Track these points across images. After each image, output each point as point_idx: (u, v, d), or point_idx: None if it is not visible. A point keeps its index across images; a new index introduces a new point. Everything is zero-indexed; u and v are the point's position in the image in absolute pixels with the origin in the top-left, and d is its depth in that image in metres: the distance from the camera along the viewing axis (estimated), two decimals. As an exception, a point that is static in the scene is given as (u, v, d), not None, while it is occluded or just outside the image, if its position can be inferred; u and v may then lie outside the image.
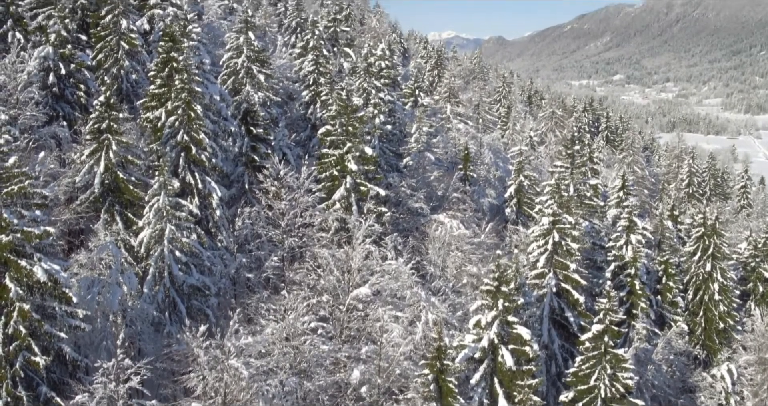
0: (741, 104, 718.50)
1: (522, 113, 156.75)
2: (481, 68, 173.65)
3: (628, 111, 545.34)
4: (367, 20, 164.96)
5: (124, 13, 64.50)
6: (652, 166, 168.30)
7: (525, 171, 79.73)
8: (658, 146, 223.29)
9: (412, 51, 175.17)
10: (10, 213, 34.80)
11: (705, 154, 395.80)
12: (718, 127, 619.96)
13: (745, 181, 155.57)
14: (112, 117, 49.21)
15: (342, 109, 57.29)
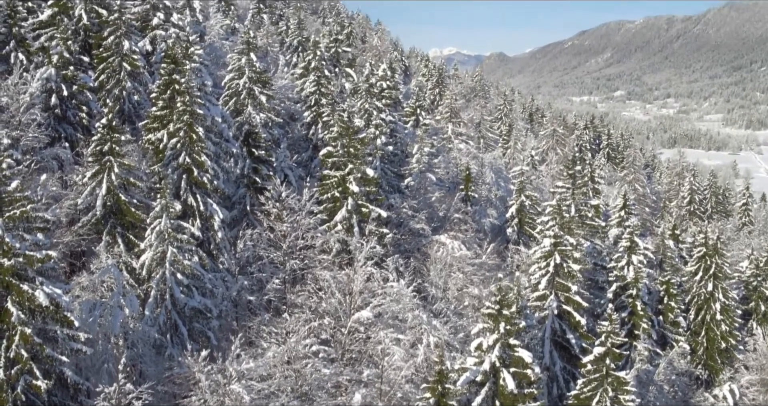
0: (742, 120, 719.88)
1: (523, 131, 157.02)
2: (482, 86, 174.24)
3: (629, 127, 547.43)
4: (368, 38, 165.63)
5: (126, 35, 64.61)
6: (654, 183, 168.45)
7: (526, 191, 79.80)
8: (659, 163, 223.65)
9: (413, 69, 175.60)
10: (12, 237, 34.83)
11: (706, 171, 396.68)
12: (719, 142, 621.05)
13: (746, 198, 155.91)
14: (114, 139, 49.31)
15: (343, 130, 57.41)
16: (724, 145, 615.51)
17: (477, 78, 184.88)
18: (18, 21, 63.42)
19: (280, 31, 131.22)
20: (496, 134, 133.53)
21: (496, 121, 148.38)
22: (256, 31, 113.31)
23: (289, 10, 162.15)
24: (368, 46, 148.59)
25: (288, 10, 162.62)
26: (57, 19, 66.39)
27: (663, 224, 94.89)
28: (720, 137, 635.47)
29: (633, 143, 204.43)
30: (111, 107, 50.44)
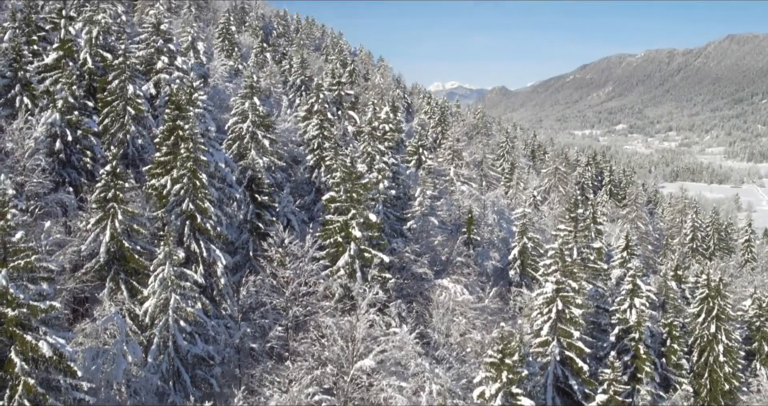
0: (744, 153, 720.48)
1: (525, 168, 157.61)
2: (484, 123, 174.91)
3: (631, 161, 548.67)
4: (371, 76, 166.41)
5: (130, 79, 65.13)
6: (656, 220, 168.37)
7: (528, 233, 79.99)
8: (661, 198, 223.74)
9: (415, 106, 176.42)
10: (16, 287, 34.96)
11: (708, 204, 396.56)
12: (721, 176, 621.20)
13: (748, 234, 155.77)
14: (117, 186, 49.47)
15: (346, 175, 57.64)
16: (726, 178, 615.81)
17: (479, 115, 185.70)
18: (23, 65, 63.78)
19: (283, 70, 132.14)
20: (498, 172, 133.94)
21: (499, 159, 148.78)
22: (259, 70, 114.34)
23: (292, 47, 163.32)
24: (371, 84, 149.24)
25: (291, 47, 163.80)
26: (62, 62, 67.08)
27: (665, 265, 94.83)
28: (722, 170, 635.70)
29: (635, 179, 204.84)
30: (115, 154, 50.51)
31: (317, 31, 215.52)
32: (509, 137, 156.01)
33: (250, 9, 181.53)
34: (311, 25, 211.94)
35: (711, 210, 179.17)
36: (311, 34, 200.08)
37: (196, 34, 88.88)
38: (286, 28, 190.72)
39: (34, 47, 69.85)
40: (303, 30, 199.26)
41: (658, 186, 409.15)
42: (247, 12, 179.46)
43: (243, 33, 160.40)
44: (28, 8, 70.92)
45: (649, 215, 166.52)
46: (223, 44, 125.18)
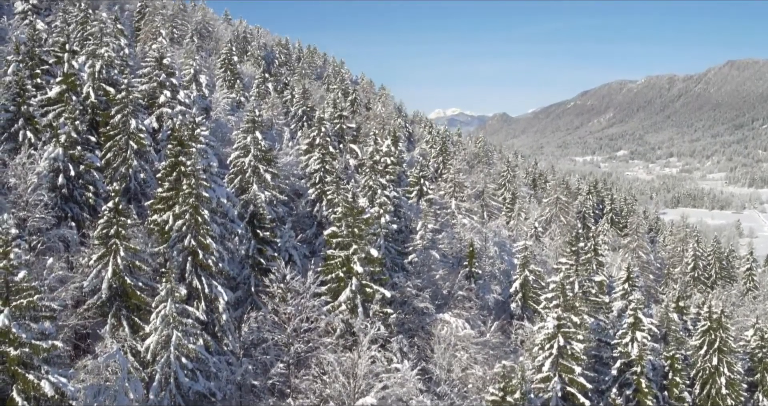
0: (745, 178, 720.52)
1: (527, 197, 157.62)
2: (485, 152, 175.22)
3: (633, 187, 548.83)
4: (372, 105, 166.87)
5: (133, 113, 65.43)
6: (657, 248, 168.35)
7: (530, 265, 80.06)
8: (662, 225, 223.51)
9: (416, 135, 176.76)
10: (18, 326, 35.09)
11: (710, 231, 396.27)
12: (723, 201, 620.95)
13: (750, 263, 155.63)
14: (120, 223, 49.65)
15: (348, 211, 57.72)
16: (727, 204, 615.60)
17: (480, 143, 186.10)
18: (26, 99, 64.03)
19: (285, 100, 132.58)
20: (500, 202, 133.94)
21: (500, 188, 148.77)
22: (261, 101, 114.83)
23: (294, 77, 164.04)
24: (372, 113, 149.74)
25: (293, 77, 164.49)
26: (65, 96, 67.41)
27: (667, 295, 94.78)
28: (723, 196, 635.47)
29: (636, 207, 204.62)
30: (117, 191, 50.73)
31: (319, 59, 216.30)
32: (510, 166, 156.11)
33: (251, 38, 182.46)
34: (313, 54, 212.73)
35: (712, 238, 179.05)
36: (313, 62, 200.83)
37: (199, 66, 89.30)
38: (288, 57, 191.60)
39: (37, 81, 70.16)
40: (305, 58, 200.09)
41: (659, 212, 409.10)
42: (249, 41, 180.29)
43: (245, 62, 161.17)
44: (32, 41, 71.29)
45: (651, 243, 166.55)
46: (225, 75, 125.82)
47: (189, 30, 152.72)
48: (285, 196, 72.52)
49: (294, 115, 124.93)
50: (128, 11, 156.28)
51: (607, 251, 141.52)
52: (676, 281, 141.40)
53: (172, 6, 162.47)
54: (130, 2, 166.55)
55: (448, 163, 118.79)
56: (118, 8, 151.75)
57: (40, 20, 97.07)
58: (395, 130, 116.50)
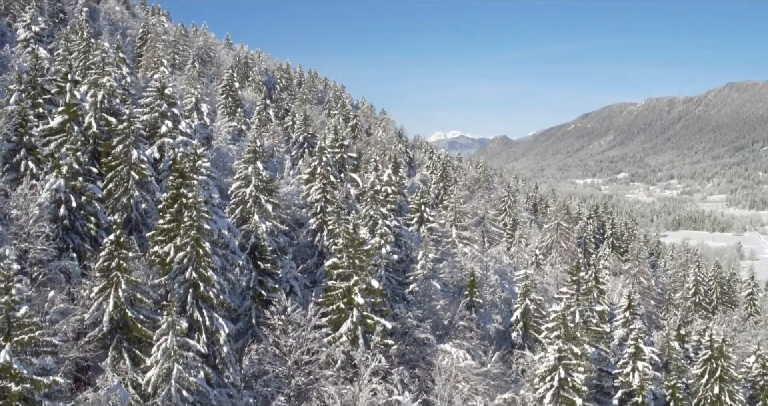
0: (745, 200, 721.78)
1: (527, 222, 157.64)
2: (486, 177, 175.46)
3: (633, 210, 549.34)
4: (373, 130, 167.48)
5: (134, 143, 65.51)
6: (658, 273, 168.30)
7: (531, 294, 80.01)
8: (663, 249, 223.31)
9: (417, 160, 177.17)
10: (20, 362, 35.20)
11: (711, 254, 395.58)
12: (724, 224, 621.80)
13: (751, 288, 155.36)
14: (121, 255, 49.72)
15: (349, 242, 57.77)
16: (728, 226, 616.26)
17: (481, 169, 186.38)
18: (29, 129, 64.17)
19: (286, 127, 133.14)
20: (500, 228, 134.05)
21: (500, 214, 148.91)
22: (262, 128, 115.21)
23: (295, 102, 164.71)
24: (373, 139, 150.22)
25: (294, 103, 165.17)
26: (67, 126, 67.58)
27: (668, 321, 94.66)
28: (724, 218, 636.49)
29: (637, 232, 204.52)
30: (119, 224, 50.95)
31: (320, 83, 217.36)
32: (511, 191, 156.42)
33: (253, 64, 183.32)
34: (314, 78, 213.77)
35: (713, 262, 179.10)
36: (314, 87, 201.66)
37: (200, 95, 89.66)
38: (289, 82, 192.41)
39: (39, 110, 70.35)
40: (305, 83, 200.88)
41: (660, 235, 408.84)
42: (250, 67, 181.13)
43: (246, 88, 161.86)
44: (34, 70, 71.60)
45: (652, 267, 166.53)
46: (226, 101, 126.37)
47: (190, 56, 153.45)
48: (286, 225, 72.56)
49: (295, 141, 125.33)
50: (130, 37, 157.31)
51: (608, 275, 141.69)
52: (678, 306, 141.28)
53: (174, 32, 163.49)
54: (131, 28, 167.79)
55: (449, 190, 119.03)
56: (120, 34, 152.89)
57: (42, 48, 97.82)
58: (396, 157, 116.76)
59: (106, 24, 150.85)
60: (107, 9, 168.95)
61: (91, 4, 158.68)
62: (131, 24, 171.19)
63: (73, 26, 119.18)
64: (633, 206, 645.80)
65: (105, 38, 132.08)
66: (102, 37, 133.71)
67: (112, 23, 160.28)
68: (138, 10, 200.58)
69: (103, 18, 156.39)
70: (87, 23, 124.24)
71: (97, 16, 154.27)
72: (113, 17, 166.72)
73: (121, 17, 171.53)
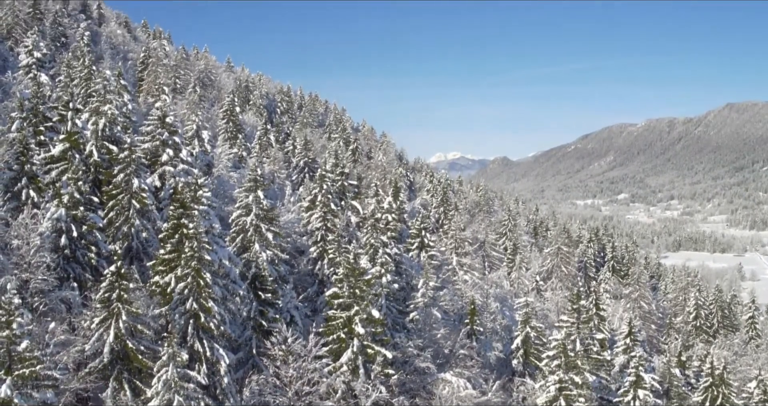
0: (746, 220, 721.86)
1: (528, 245, 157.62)
2: (486, 200, 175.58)
3: (634, 231, 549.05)
4: (374, 153, 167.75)
5: (135, 172, 65.69)
6: (659, 296, 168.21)
7: (531, 322, 79.94)
8: (664, 271, 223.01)
9: (418, 183, 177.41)
10: (20, 396, 35.29)
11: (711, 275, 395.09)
12: (724, 244, 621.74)
13: (752, 311, 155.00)
14: (122, 287, 49.82)
15: (349, 271, 57.77)
16: (729, 247, 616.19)
17: (481, 192, 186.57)
18: (30, 158, 64.31)
19: (287, 151, 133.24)
20: (501, 252, 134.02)
21: (501, 237, 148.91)
22: (262, 153, 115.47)
23: (296, 126, 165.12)
24: (373, 163, 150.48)
25: (294, 126, 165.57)
26: (68, 154, 67.83)
27: (669, 345, 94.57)
28: (724, 239, 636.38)
29: (638, 254, 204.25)
30: (119, 255, 51.08)
31: (320, 106, 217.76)
32: (511, 215, 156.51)
33: (253, 87, 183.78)
34: (314, 101, 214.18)
35: (714, 286, 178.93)
36: (314, 110, 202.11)
37: (201, 122, 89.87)
38: (290, 105, 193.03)
39: (40, 138, 70.64)
40: (306, 106, 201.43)
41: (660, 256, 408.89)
42: (251, 90, 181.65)
43: (247, 112, 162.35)
44: (36, 98, 71.89)
45: (653, 290, 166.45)
46: (227, 126, 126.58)
47: (191, 80, 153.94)
48: (287, 254, 72.65)
49: (296, 166, 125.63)
50: (131, 61, 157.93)
51: (609, 299, 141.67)
52: (679, 330, 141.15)
53: (175, 56, 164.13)
54: (133, 51, 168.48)
55: (450, 214, 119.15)
56: (121, 58, 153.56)
57: (44, 73, 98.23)
58: (396, 181, 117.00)
59: (107, 48, 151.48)
60: (109, 32, 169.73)
61: (92, 27, 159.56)
62: (133, 47, 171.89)
63: (74, 52, 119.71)
64: (633, 227, 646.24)
65: (107, 62, 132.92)
66: (104, 60, 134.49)
67: (113, 47, 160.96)
68: (139, 33, 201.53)
69: (105, 42, 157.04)
70: (88, 47, 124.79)
71: (98, 39, 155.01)
72: (115, 41, 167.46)
73: (122, 40, 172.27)
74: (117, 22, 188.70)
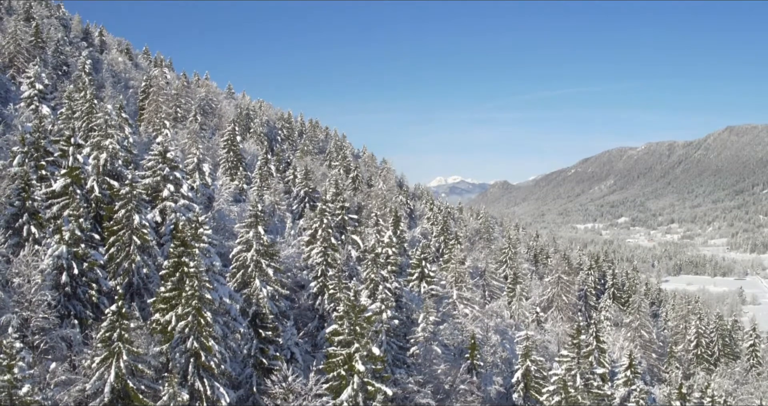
0: (746, 244, 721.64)
1: (528, 273, 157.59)
2: (486, 228, 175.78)
3: (634, 255, 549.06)
4: (374, 182, 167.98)
5: (136, 208, 65.83)
6: (660, 323, 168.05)
7: (531, 355, 79.91)
8: (665, 297, 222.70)
9: (418, 211, 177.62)
10: (22, 441, 35.39)
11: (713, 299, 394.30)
12: (725, 268, 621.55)
13: (753, 339, 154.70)
14: (123, 326, 49.89)
15: (350, 309, 57.86)
16: (729, 271, 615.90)
17: (481, 219, 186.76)
18: (31, 194, 64.43)
19: (287, 181, 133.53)
20: (501, 281, 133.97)
21: (501, 265, 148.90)
22: (263, 183, 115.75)
23: (296, 154, 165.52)
24: (374, 193, 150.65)
25: (295, 154, 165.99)
26: (69, 189, 67.98)
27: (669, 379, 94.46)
28: (725, 263, 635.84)
29: (638, 281, 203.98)
30: (121, 294, 51.14)
31: (321, 133, 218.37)
32: (511, 243, 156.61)
33: (254, 115, 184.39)
34: (315, 128, 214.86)
35: (715, 313, 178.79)
36: (315, 136, 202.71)
37: (202, 155, 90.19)
38: (291, 132, 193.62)
39: (42, 172, 70.82)
40: (307, 133, 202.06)
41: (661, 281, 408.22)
42: (251, 118, 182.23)
43: (248, 140, 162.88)
44: (37, 132, 72.13)
45: (653, 317, 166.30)
46: (228, 155, 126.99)
47: (192, 108, 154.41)
48: (287, 289, 72.67)
49: (296, 196, 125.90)
50: (132, 89, 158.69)
51: (610, 327, 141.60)
52: (680, 359, 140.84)
53: (176, 84, 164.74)
54: (134, 78, 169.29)
55: (450, 244, 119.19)
56: (122, 86, 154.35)
57: (45, 105, 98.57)
58: (396, 210, 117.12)
59: (108, 76, 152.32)
60: (110, 60, 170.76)
61: (94, 54, 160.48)
62: (134, 75, 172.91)
63: (76, 82, 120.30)
64: (634, 251, 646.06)
65: (108, 90, 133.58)
66: (105, 89, 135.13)
67: (114, 74, 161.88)
68: (141, 60, 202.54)
69: (106, 70, 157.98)
70: (90, 76, 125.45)
71: (100, 67, 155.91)
72: (116, 68, 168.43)
73: (124, 68, 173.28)
74: (118, 50, 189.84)
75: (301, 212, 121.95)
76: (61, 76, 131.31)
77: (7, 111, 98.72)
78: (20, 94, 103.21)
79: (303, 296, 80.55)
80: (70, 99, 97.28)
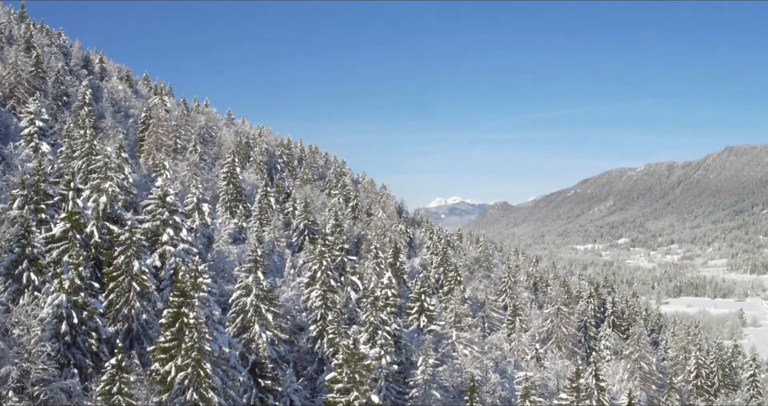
0: (746, 264, 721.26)
1: (528, 302, 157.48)
2: (486, 256, 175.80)
3: (635, 277, 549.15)
4: (374, 210, 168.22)
5: (136, 254, 66.03)
6: (660, 352, 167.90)
7: (530, 396, 79.82)
8: (665, 322, 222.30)
9: (418, 239, 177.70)
10: None
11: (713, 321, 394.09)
12: (725, 289, 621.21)
13: (753, 369, 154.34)
14: (123, 380, 50.03)
15: (349, 357, 58.06)
16: (729, 292, 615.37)
17: (481, 248, 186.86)
18: (31, 241, 64.52)
19: (287, 212, 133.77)
20: (501, 313, 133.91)
21: (501, 294, 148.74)
22: (262, 216, 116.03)
23: (296, 182, 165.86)
24: (373, 224, 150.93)
25: (295, 182, 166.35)
26: (69, 234, 68.19)
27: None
28: (725, 284, 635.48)
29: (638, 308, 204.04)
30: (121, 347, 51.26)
31: (320, 159, 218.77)
32: (511, 272, 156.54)
33: (254, 143, 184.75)
34: (314, 154, 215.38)
35: (714, 339, 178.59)
36: (314, 163, 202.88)
37: (201, 194, 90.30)
38: (290, 158, 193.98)
39: (42, 216, 71.08)
40: (306, 159, 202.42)
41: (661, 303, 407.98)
42: (251, 147, 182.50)
43: (247, 169, 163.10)
44: (37, 174, 72.40)
45: (653, 344, 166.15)
46: (227, 188, 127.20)
47: (192, 138, 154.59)
48: (286, 332, 72.75)
49: (296, 228, 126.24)
50: (132, 118, 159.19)
51: (609, 356, 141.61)
52: (679, 390, 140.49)
53: (176, 112, 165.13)
54: (134, 107, 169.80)
55: (450, 276, 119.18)
56: (123, 115, 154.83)
57: (45, 143, 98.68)
58: (396, 242, 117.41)
59: (108, 105, 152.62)
60: (110, 88, 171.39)
61: (94, 82, 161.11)
62: (134, 103, 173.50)
63: (76, 115, 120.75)
64: (634, 273, 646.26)
65: (108, 121, 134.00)
66: (105, 119, 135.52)
67: (115, 103, 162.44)
68: (141, 87, 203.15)
69: (106, 98, 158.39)
70: (90, 107, 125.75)
71: (100, 95, 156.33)
72: (116, 96, 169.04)
73: (124, 96, 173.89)
74: (119, 77, 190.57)
75: (301, 245, 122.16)
76: (61, 106, 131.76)
77: (7, 150, 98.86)
78: (20, 130, 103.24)
79: (302, 338, 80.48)
80: (70, 137, 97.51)
